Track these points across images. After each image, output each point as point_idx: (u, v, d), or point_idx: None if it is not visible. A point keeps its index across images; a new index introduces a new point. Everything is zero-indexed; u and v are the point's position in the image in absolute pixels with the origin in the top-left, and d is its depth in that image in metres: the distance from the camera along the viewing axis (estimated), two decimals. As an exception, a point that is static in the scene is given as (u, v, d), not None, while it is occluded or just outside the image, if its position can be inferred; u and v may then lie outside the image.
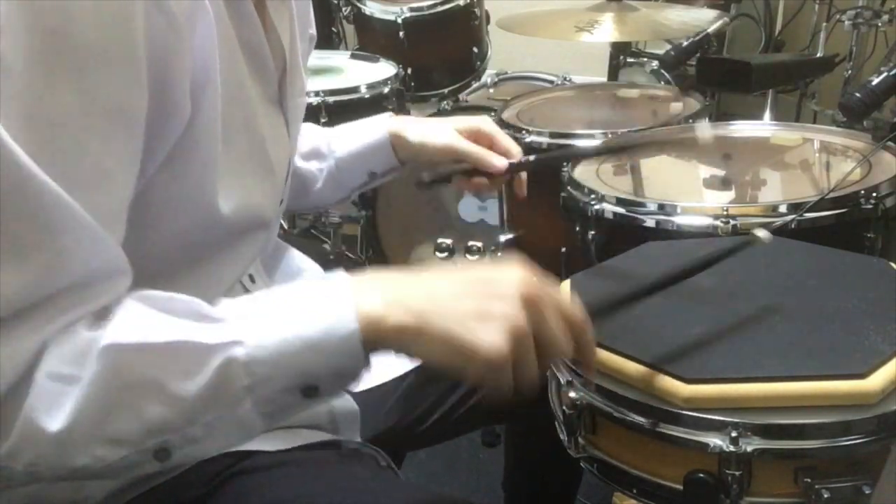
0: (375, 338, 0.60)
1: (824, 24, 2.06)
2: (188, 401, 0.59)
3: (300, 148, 1.05)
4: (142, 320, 0.60)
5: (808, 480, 0.64)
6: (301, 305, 0.61)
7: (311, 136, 1.07)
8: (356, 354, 0.60)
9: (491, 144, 1.01)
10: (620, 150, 1.17)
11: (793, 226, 1.00)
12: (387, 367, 0.96)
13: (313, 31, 0.97)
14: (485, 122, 1.02)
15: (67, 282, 0.59)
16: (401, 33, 2.11)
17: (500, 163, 0.99)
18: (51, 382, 0.57)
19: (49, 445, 0.57)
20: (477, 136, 1.01)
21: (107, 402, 0.58)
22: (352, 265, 1.83)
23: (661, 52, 2.00)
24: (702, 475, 0.66)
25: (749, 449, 0.64)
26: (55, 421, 0.57)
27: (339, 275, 0.63)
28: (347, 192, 1.08)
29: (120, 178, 0.62)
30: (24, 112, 0.55)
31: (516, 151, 1.02)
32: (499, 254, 1.42)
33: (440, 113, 2.28)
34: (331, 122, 1.71)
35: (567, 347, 0.63)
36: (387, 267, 0.65)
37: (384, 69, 1.99)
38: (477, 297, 0.61)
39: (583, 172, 1.25)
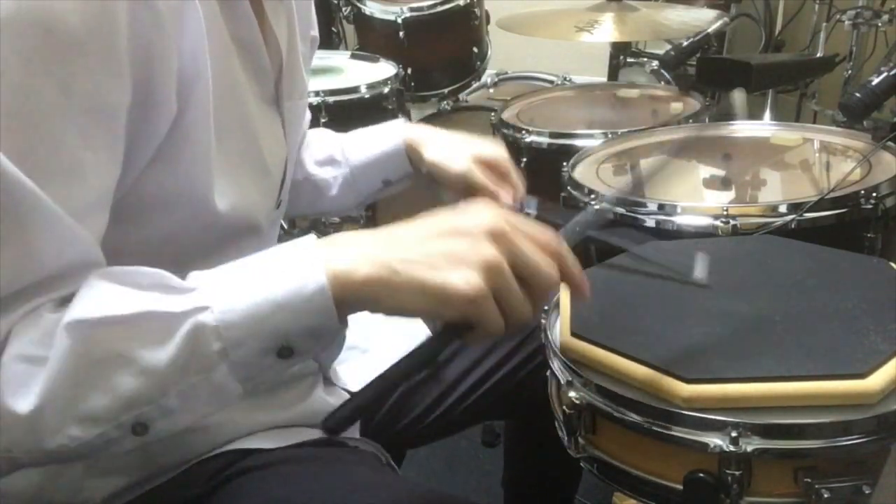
0: (345, 293, 0.59)
1: (824, 24, 2.06)
2: (160, 371, 0.58)
3: (315, 154, 1.05)
4: (106, 295, 0.60)
5: (808, 480, 0.64)
6: (269, 267, 0.61)
7: (325, 142, 1.06)
8: (327, 311, 0.59)
9: (504, 178, 0.99)
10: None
11: (793, 226, 1.00)
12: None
13: (315, 32, 0.96)
14: (502, 156, 1.00)
15: (38, 277, 0.59)
16: (401, 33, 2.12)
17: (507, 201, 0.98)
18: (17, 364, 0.57)
19: (21, 428, 0.57)
20: (492, 168, 0.98)
21: (75, 379, 0.57)
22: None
23: (661, 52, 2.01)
24: (702, 475, 0.66)
25: (749, 449, 0.64)
26: (24, 402, 0.56)
27: (306, 237, 0.62)
28: (361, 199, 1.07)
29: (97, 171, 0.62)
30: (1, 102, 0.55)
31: (522, 191, 1.00)
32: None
33: (440, 113, 2.28)
34: (331, 122, 1.71)
35: (550, 270, 0.62)
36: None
37: (384, 69, 1.99)
38: (442, 240, 0.60)
39: (583, 172, 1.25)
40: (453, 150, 0.99)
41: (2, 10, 0.54)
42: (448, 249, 0.59)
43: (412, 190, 1.07)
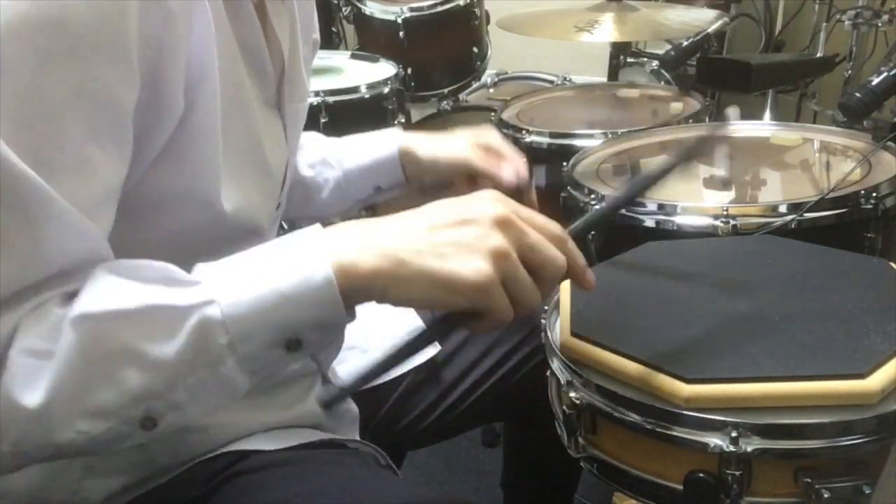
0: (352, 284, 0.59)
1: (824, 24, 2.06)
2: (167, 365, 0.58)
3: (308, 157, 1.05)
4: (111, 289, 0.59)
5: (808, 480, 0.64)
6: (275, 260, 0.60)
7: (319, 145, 1.06)
8: (334, 303, 0.58)
9: (500, 159, 0.99)
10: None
11: (793, 226, 1.00)
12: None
13: (317, 35, 0.96)
14: (493, 138, 1.00)
15: (47, 272, 0.59)
16: (401, 33, 2.12)
17: (510, 177, 0.98)
18: (25, 359, 0.57)
19: (30, 422, 0.57)
20: (488, 151, 0.99)
21: (83, 373, 0.57)
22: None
23: (661, 52, 2.00)
24: (702, 475, 0.66)
25: (749, 449, 0.64)
26: (33, 396, 0.56)
27: (312, 228, 0.62)
28: (351, 205, 1.07)
29: (105, 167, 0.62)
30: (10, 96, 0.55)
31: (522, 164, 1.00)
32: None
33: (440, 113, 2.28)
34: (331, 122, 1.71)
35: (557, 255, 0.62)
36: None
37: (384, 69, 1.99)
38: (449, 228, 0.60)
39: (583, 172, 1.25)
40: (447, 141, 1.00)
41: (15, 8, 0.54)
42: (456, 238, 0.59)
43: (411, 193, 1.07)
